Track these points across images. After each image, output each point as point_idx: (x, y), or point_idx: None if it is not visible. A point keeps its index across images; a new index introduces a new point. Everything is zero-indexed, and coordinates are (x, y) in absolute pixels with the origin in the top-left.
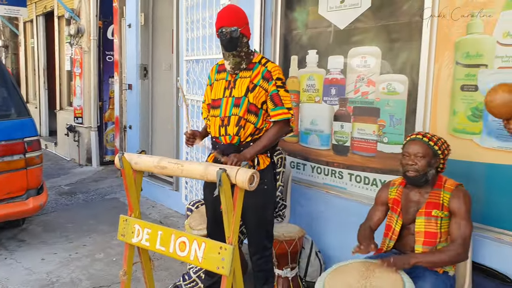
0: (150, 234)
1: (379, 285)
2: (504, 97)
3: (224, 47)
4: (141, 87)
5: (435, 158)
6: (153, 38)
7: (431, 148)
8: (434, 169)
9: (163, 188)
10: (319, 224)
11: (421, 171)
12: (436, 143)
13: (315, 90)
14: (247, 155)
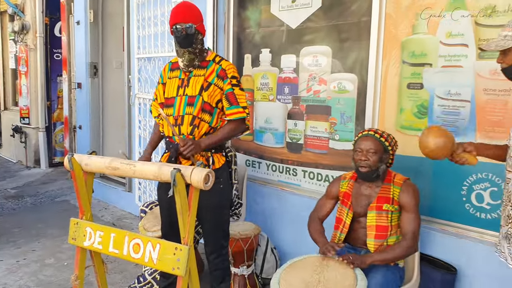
0: (103, 237)
1: (332, 278)
2: (436, 142)
3: (179, 43)
4: (91, 86)
5: (386, 153)
6: (103, 35)
7: (382, 144)
8: (385, 164)
9: (115, 190)
10: (274, 221)
11: (373, 167)
12: (387, 139)
13: (269, 89)
14: (202, 144)
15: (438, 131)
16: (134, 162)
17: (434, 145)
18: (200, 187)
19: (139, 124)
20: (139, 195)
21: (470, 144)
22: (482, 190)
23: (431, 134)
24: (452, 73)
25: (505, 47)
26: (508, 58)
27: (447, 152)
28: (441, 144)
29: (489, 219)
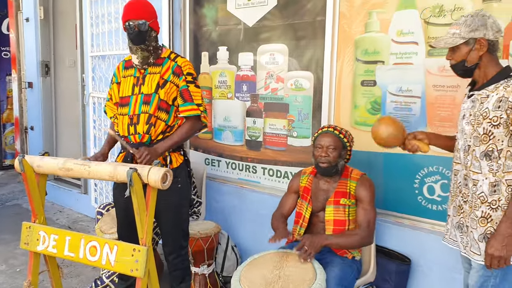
0: (57, 240)
1: (292, 273)
2: (388, 130)
3: (132, 40)
4: (42, 85)
5: (344, 149)
6: (55, 33)
7: (341, 141)
8: (343, 160)
9: (70, 192)
10: (235, 219)
11: (332, 162)
12: (345, 135)
13: (227, 87)
14: (159, 150)
15: (389, 120)
16: (89, 163)
17: (386, 133)
18: (158, 186)
19: (93, 124)
20: (95, 196)
21: (421, 132)
22: (433, 183)
23: (382, 123)
24: (403, 70)
25: (453, 45)
26: (456, 55)
27: (398, 139)
28: (392, 132)
29: (440, 210)
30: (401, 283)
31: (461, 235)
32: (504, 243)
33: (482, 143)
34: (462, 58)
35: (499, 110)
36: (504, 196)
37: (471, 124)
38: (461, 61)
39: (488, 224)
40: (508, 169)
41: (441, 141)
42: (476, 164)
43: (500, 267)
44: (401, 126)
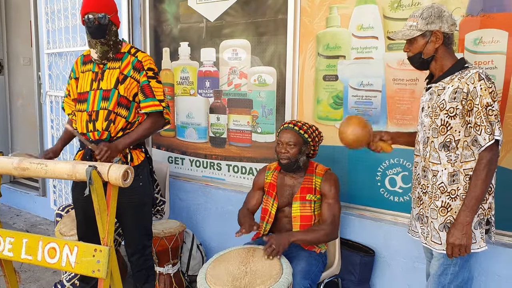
0: (14, 243)
1: (259, 269)
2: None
3: (91, 34)
4: None
5: (305, 145)
6: (8, 29)
7: (302, 137)
8: (305, 155)
9: (28, 195)
10: (200, 217)
11: (292, 158)
12: (306, 131)
13: (189, 83)
14: (119, 145)
15: (356, 122)
16: (46, 161)
17: (353, 136)
18: (119, 184)
19: (51, 123)
20: (54, 199)
21: (387, 133)
22: (395, 175)
23: (350, 125)
24: (364, 64)
25: (410, 36)
26: (413, 47)
27: (365, 142)
28: (359, 135)
29: (401, 202)
30: (366, 274)
31: (421, 226)
32: (463, 231)
33: (440, 134)
34: (419, 50)
35: (455, 101)
36: (463, 185)
37: (430, 116)
38: (418, 53)
39: (448, 213)
40: (466, 159)
41: (403, 138)
42: (435, 155)
43: (461, 255)
44: (368, 129)
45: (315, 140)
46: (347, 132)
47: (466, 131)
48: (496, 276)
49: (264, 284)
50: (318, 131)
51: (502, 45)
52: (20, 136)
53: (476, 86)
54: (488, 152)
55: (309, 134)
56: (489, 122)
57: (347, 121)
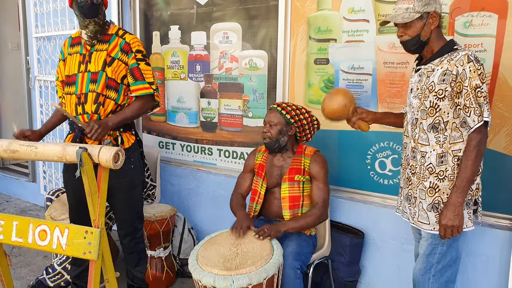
0: (4, 226)
1: (250, 250)
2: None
3: (84, 14)
4: None
5: (287, 126)
6: None
7: (283, 117)
8: (288, 136)
9: (17, 181)
10: (191, 201)
11: (273, 138)
12: (289, 112)
13: (180, 67)
14: (109, 123)
15: (340, 94)
16: (36, 144)
17: (332, 107)
18: (110, 166)
19: (40, 108)
20: (45, 184)
21: (369, 113)
22: (385, 158)
23: (332, 96)
24: (355, 47)
25: (410, 19)
26: (411, 31)
27: (345, 113)
28: (341, 104)
29: (391, 184)
30: (355, 256)
31: (409, 206)
32: (456, 212)
33: (429, 115)
34: (417, 33)
35: (444, 83)
36: (451, 166)
37: (418, 98)
38: (416, 36)
39: (436, 194)
40: (454, 140)
41: (390, 119)
42: (424, 136)
43: (453, 236)
44: (350, 103)
45: (302, 122)
46: (329, 104)
47: (455, 113)
48: (483, 256)
49: (255, 264)
50: (310, 114)
51: (491, 28)
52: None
53: (465, 68)
54: (477, 133)
55: (292, 115)
56: (478, 103)
57: (333, 93)
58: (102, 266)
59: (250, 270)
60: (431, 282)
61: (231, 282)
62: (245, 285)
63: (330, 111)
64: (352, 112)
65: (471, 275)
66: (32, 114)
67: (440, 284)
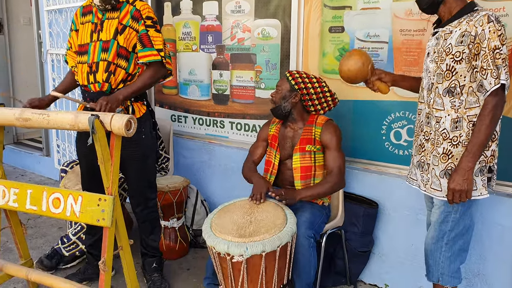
0: (18, 194)
1: (263, 218)
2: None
3: None
4: None
5: (290, 92)
6: None
7: (288, 83)
8: (291, 104)
9: (32, 155)
10: (203, 174)
11: (276, 103)
12: (295, 78)
13: (191, 38)
14: (119, 96)
15: (357, 55)
16: (48, 112)
17: (351, 68)
18: (122, 134)
19: (53, 82)
20: (58, 158)
21: (387, 74)
22: (400, 128)
23: (350, 58)
24: (371, 15)
25: None
26: None
27: (363, 76)
28: (358, 68)
29: (406, 155)
30: (369, 226)
31: (421, 173)
32: (465, 177)
33: (445, 79)
34: None
35: (462, 45)
36: (465, 132)
37: (435, 62)
38: None
39: (449, 160)
40: (470, 105)
41: (407, 83)
42: (439, 101)
43: (462, 201)
44: (368, 63)
45: (308, 90)
46: (345, 65)
47: (472, 76)
48: (499, 226)
49: (269, 232)
50: (320, 84)
51: None
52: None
53: (485, 29)
54: (494, 97)
55: (296, 82)
56: (496, 65)
57: (349, 54)
58: (116, 233)
59: (264, 237)
60: (443, 251)
61: (244, 249)
62: (258, 252)
63: (347, 72)
64: (371, 72)
65: (486, 244)
66: (45, 88)
67: (453, 253)
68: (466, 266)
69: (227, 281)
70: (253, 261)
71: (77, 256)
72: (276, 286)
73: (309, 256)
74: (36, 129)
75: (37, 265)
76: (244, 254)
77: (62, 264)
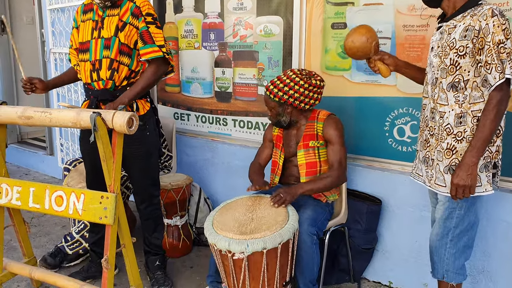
0: (21, 192)
1: (265, 215)
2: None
3: None
4: None
5: (282, 106)
6: None
7: (273, 100)
8: (287, 114)
9: (36, 154)
10: (206, 172)
11: (274, 119)
12: (276, 94)
13: (194, 36)
14: (125, 98)
15: (365, 29)
16: (50, 110)
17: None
18: (124, 131)
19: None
20: (62, 157)
21: (390, 57)
22: (403, 125)
23: (357, 30)
24: (373, 11)
25: None
26: None
27: (364, 52)
28: (361, 41)
29: (409, 151)
30: (372, 223)
31: (426, 168)
32: (469, 172)
33: (449, 74)
34: None
35: (465, 39)
36: (470, 127)
37: (439, 56)
38: None
39: (453, 155)
40: (474, 100)
41: (410, 71)
42: (443, 96)
43: (465, 197)
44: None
45: (294, 96)
46: (351, 36)
47: (476, 71)
48: (503, 222)
49: (270, 229)
50: (305, 80)
51: None
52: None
53: (489, 23)
54: (498, 91)
55: (279, 97)
56: (500, 60)
57: (356, 27)
58: (118, 231)
59: (264, 234)
60: (448, 247)
61: (245, 246)
62: (259, 249)
63: (350, 43)
64: (374, 50)
65: (491, 241)
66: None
67: (458, 249)
68: (470, 263)
69: (229, 279)
70: (254, 258)
71: (80, 254)
72: (279, 284)
73: (312, 253)
74: (40, 128)
75: (41, 264)
76: (245, 251)
77: (66, 262)
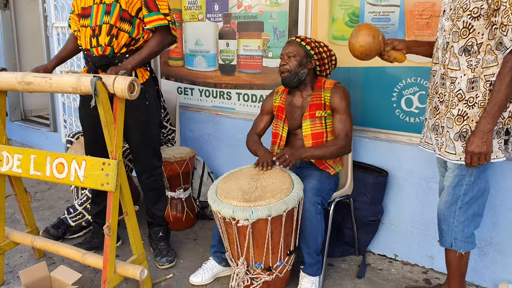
0: (22, 160)
1: (270, 184)
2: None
3: None
4: (2, 19)
5: (307, 58)
6: None
7: (303, 48)
8: (307, 69)
9: (39, 131)
10: (210, 146)
11: (292, 71)
12: (309, 43)
13: (197, 7)
14: (128, 65)
15: (366, 30)
16: (50, 75)
17: (362, 45)
18: (125, 96)
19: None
20: (65, 133)
21: (400, 41)
22: (411, 95)
23: (359, 34)
24: None
25: None
26: None
27: (375, 51)
28: (369, 44)
29: (417, 122)
30: (378, 195)
31: (436, 136)
32: (484, 139)
33: (461, 37)
34: None
35: (480, 0)
36: (482, 92)
37: (451, 19)
38: None
39: (464, 122)
40: (488, 64)
41: (422, 48)
42: (454, 61)
43: (480, 164)
44: (379, 37)
45: (321, 55)
46: (356, 42)
47: (491, 34)
48: None
49: (275, 197)
50: (328, 48)
51: None
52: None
53: None
54: None
55: (312, 47)
56: None
57: (356, 30)
58: (121, 198)
59: (269, 202)
60: (457, 215)
61: (250, 213)
62: (264, 217)
63: (360, 48)
64: (383, 42)
65: (500, 212)
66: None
67: (467, 217)
68: (478, 235)
69: (233, 247)
70: (258, 225)
71: (83, 226)
72: (283, 252)
73: (316, 223)
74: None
75: (43, 235)
76: (249, 218)
77: (69, 234)
